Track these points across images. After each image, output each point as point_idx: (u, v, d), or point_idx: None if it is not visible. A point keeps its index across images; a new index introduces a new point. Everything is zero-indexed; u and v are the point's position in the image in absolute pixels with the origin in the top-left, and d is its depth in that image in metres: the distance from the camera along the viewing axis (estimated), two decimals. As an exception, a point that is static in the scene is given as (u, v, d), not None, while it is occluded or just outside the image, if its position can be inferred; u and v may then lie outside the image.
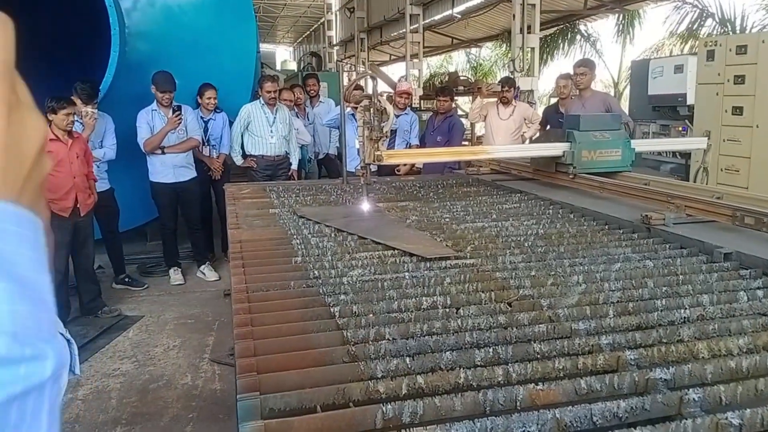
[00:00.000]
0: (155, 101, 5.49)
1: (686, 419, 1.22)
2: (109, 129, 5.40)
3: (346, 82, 5.39)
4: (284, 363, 1.46)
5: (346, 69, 19.52)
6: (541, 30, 11.33)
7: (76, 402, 3.41)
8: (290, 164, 6.30)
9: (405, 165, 6.15)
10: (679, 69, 7.43)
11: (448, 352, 1.49)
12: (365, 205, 3.18)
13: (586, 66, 5.91)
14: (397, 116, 6.49)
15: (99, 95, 5.17)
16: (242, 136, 6.14)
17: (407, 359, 1.45)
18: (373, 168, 5.72)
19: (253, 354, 1.52)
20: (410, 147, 6.27)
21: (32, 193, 0.42)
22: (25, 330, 0.36)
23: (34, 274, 0.39)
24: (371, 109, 2.88)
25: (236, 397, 1.30)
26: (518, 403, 1.29)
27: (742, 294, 1.89)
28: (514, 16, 9.72)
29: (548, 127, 6.21)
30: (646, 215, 2.71)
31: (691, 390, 1.29)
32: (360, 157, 3.11)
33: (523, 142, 6.68)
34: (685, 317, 1.73)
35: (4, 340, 0.35)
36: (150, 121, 5.48)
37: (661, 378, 1.36)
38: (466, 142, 9.91)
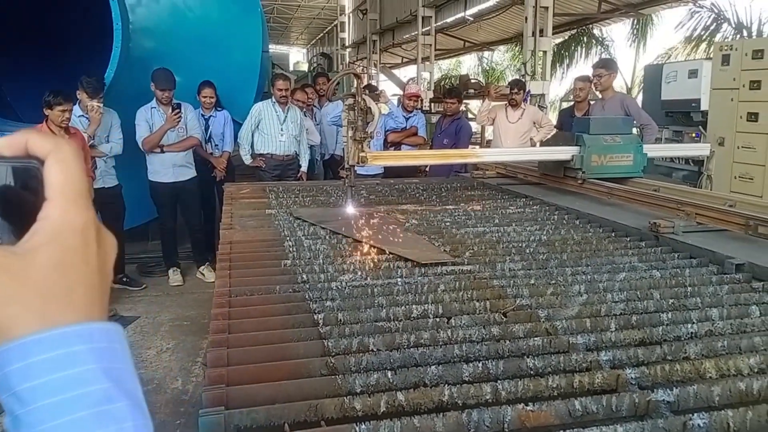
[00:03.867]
0: (155, 99, 5.42)
1: (689, 448, 1.11)
2: (115, 124, 5.33)
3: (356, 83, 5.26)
4: (257, 374, 1.36)
5: (357, 71, 19.41)
6: (554, 34, 11.18)
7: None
8: (299, 165, 6.21)
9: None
10: (693, 74, 7.28)
11: (434, 366, 1.38)
12: (358, 207, 3.08)
13: (604, 67, 5.76)
14: (407, 118, 6.42)
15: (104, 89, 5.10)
16: (253, 135, 6.06)
17: (389, 373, 1.35)
18: (379, 170, 5.70)
19: (226, 364, 1.42)
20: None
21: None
22: None
23: (135, 384, 0.44)
24: (355, 109, 2.76)
25: (200, 411, 1.20)
26: (506, 425, 1.19)
27: (755, 308, 1.77)
28: (526, 18, 9.58)
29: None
30: (655, 222, 2.59)
31: (696, 414, 1.18)
32: (345, 158, 2.98)
33: (533, 146, 6.55)
34: (692, 332, 1.62)
35: None
36: (149, 119, 5.41)
37: (663, 400, 1.25)
38: (476, 146, 9.78)
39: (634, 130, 4.54)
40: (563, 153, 3.58)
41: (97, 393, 0.40)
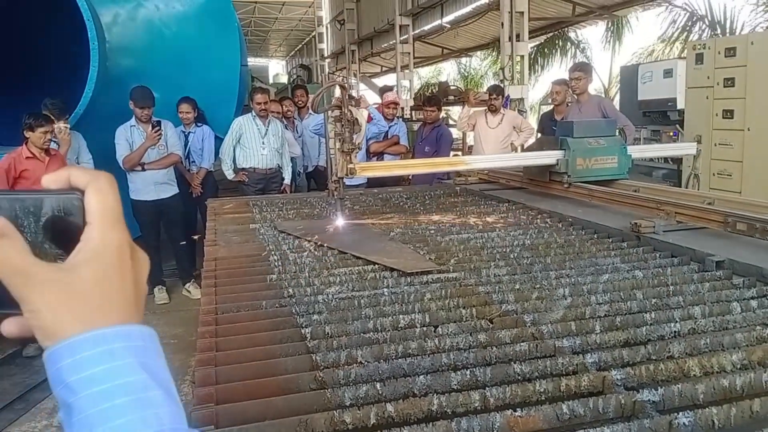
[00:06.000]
0: (134, 117, 5.40)
1: (676, 446, 1.12)
2: (82, 145, 5.32)
3: (337, 94, 5.29)
4: (246, 392, 1.36)
5: (337, 81, 19.46)
6: (530, 38, 11.29)
7: (50, 429, 3.29)
8: (283, 178, 6.21)
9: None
10: (668, 73, 7.39)
11: (422, 376, 1.39)
12: (348, 219, 3.07)
13: (581, 70, 5.83)
14: (388, 127, 6.44)
15: (75, 111, 5.07)
16: (234, 149, 6.05)
17: (378, 385, 1.35)
18: (362, 181, 5.71)
19: (214, 382, 1.42)
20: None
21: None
22: (180, 423, 0.48)
23: (167, 377, 0.50)
24: (342, 120, 2.76)
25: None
26: (495, 432, 1.19)
27: (736, 305, 1.80)
28: (502, 24, 9.67)
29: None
30: (636, 223, 2.62)
31: (681, 413, 1.19)
32: (333, 170, 2.97)
33: (513, 150, 6.61)
34: (675, 331, 1.64)
35: None
36: (129, 138, 5.38)
37: (649, 400, 1.26)
38: (458, 152, 9.84)
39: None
40: (548, 157, 3.59)
41: (135, 383, 0.47)
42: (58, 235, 0.52)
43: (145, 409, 0.46)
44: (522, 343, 1.57)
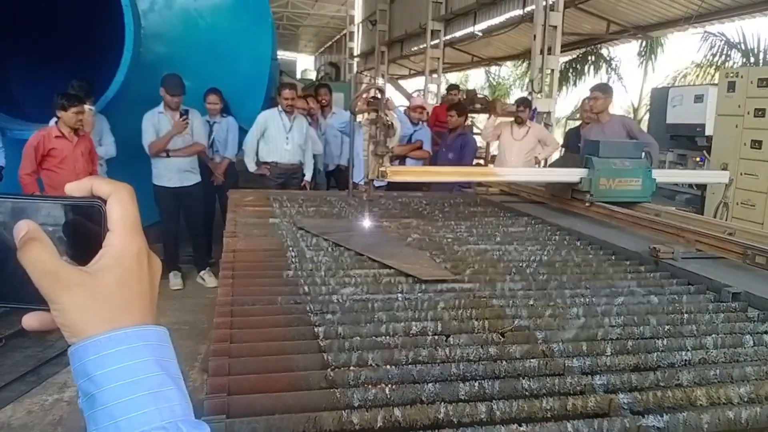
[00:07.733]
0: (162, 103, 5.48)
1: (678, 475, 1.13)
2: (105, 127, 5.42)
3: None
4: (257, 385, 1.39)
5: (365, 81, 19.64)
6: (562, 52, 11.24)
7: (61, 404, 3.36)
8: (303, 174, 6.25)
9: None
10: (699, 99, 7.33)
11: (431, 384, 1.41)
12: (367, 221, 3.10)
13: (600, 90, 5.80)
14: (413, 131, 6.45)
15: (105, 93, 5.16)
16: (258, 143, 6.10)
17: (387, 388, 1.38)
18: (383, 183, 5.73)
19: (228, 373, 1.45)
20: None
21: None
22: (190, 416, 0.54)
23: (179, 374, 0.55)
24: (378, 123, 2.80)
25: (201, 419, 1.23)
26: (499, 445, 1.21)
27: (748, 338, 1.79)
28: (534, 36, 9.64)
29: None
30: (655, 247, 2.62)
31: (685, 442, 1.20)
32: (364, 171, 3.02)
33: (536, 164, 6.59)
34: (686, 360, 1.64)
35: (186, 426, 0.52)
36: (156, 124, 5.46)
37: (653, 426, 1.27)
38: (481, 161, 9.84)
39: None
40: (575, 175, 3.58)
41: (153, 379, 0.52)
42: (78, 239, 0.56)
43: (161, 403, 0.52)
44: (532, 360, 1.58)
